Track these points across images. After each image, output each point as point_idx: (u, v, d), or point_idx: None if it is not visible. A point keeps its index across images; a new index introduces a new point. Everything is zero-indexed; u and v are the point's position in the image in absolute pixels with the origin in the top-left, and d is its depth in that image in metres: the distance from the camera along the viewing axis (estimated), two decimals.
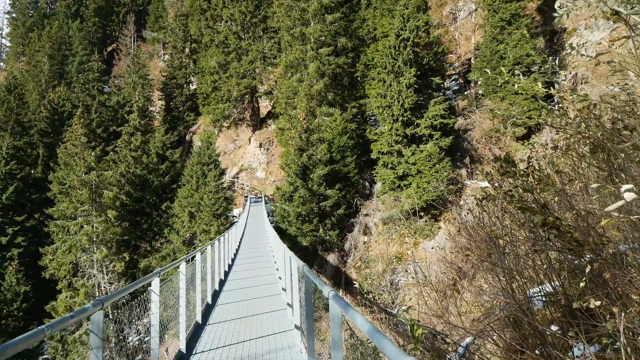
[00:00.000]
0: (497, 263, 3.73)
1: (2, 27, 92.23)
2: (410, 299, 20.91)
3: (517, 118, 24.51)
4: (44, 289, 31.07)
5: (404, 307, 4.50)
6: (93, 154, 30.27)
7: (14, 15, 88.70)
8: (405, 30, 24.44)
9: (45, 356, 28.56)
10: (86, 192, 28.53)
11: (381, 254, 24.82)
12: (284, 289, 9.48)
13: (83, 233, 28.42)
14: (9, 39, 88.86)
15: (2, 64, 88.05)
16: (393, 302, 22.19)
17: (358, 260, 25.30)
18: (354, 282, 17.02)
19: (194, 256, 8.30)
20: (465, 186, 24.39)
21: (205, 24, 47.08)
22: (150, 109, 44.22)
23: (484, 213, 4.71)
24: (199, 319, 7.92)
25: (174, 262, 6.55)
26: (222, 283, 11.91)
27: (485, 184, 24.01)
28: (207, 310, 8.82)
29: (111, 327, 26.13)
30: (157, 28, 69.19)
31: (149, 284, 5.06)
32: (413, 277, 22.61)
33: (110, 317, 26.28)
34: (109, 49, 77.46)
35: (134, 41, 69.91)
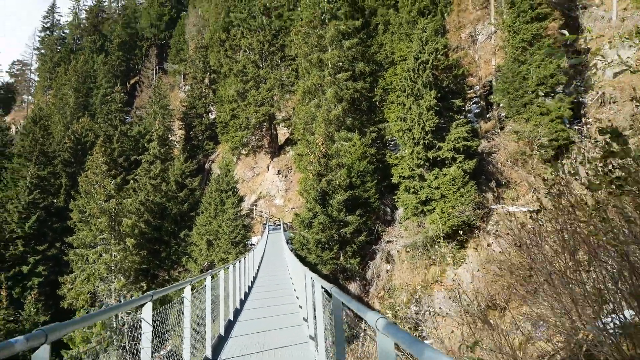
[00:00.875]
0: (580, 282, 3.04)
1: (31, 62, 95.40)
2: (452, 331, 19.88)
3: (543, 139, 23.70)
4: (63, 319, 30.56)
5: (467, 344, 3.73)
6: (113, 182, 30.33)
7: (42, 51, 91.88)
8: (424, 53, 24.09)
9: None
10: (105, 220, 28.43)
11: (405, 283, 23.87)
12: (306, 320, 8.72)
13: (101, 262, 28.21)
14: (37, 73, 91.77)
15: (30, 97, 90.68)
16: (420, 335, 21.15)
17: (381, 289, 24.36)
18: (386, 313, 16.18)
19: (203, 279, 7.64)
20: (492, 211, 23.46)
21: (224, 54, 47.70)
22: (170, 138, 44.58)
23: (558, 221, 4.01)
24: (208, 353, 7.12)
25: (175, 284, 5.67)
26: (237, 312, 11.16)
27: (515, 208, 23.06)
28: (219, 344, 8.05)
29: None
30: (178, 60, 70.57)
31: (139, 309, 4.19)
32: (440, 308, 21.58)
33: (127, 349, 25.67)
34: (132, 81, 79.18)
35: (155, 73, 71.40)
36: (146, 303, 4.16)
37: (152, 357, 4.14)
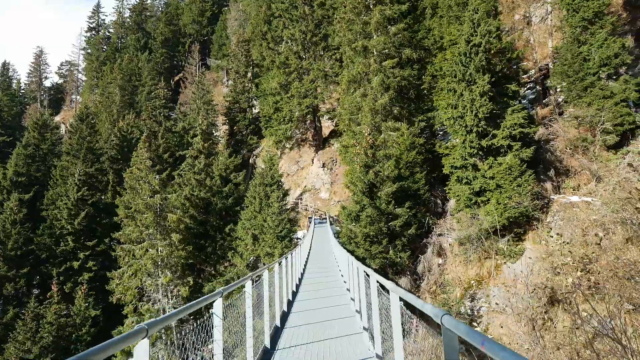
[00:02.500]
0: None
1: (78, 62, 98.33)
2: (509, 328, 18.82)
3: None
4: (113, 314, 31.25)
5: None
6: (158, 177, 30.36)
7: (89, 51, 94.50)
8: (476, 35, 22.74)
9: None
10: (151, 215, 28.49)
11: (459, 278, 22.76)
12: (367, 329, 7.60)
13: (148, 257, 28.30)
14: (84, 73, 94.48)
15: (79, 97, 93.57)
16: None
17: (433, 284, 23.33)
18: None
19: (237, 288, 6.22)
20: (551, 201, 21.98)
21: (266, 46, 47.39)
22: (214, 133, 44.65)
23: None
24: None
25: (184, 307, 3.65)
26: (284, 316, 10.13)
27: (577, 197, 21.54)
28: (264, 357, 7.07)
29: (176, 353, 25.56)
30: (221, 56, 70.99)
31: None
32: (497, 304, 20.41)
33: (176, 343, 25.73)
34: (176, 78, 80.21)
35: (198, 69, 72.00)
36: (138, 341, 2.64)
37: None
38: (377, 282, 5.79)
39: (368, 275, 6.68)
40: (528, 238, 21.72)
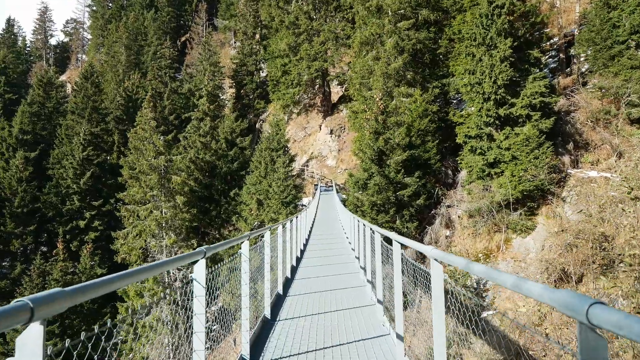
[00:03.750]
0: None
1: (84, 20, 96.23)
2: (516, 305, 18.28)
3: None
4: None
5: None
6: (162, 138, 29.69)
7: (94, 8, 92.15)
8: None
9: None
10: (155, 176, 28.02)
11: (466, 250, 22.15)
12: (381, 302, 6.75)
13: (152, 218, 28.00)
14: (90, 31, 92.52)
15: (84, 56, 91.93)
16: (481, 305, 19.58)
17: None
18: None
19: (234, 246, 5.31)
20: (568, 175, 21.09)
21: (275, 5, 45.58)
22: (220, 96, 43.65)
23: None
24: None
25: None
26: (287, 282, 9.48)
27: (596, 173, 20.64)
28: (264, 328, 6.29)
29: (181, 315, 25.45)
30: (229, 16, 68.98)
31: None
32: None
33: (180, 304, 25.59)
34: (182, 39, 78.40)
35: (205, 29, 70.27)
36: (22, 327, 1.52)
37: None
38: (402, 246, 4.79)
39: (389, 242, 5.39)
40: (541, 212, 20.96)
